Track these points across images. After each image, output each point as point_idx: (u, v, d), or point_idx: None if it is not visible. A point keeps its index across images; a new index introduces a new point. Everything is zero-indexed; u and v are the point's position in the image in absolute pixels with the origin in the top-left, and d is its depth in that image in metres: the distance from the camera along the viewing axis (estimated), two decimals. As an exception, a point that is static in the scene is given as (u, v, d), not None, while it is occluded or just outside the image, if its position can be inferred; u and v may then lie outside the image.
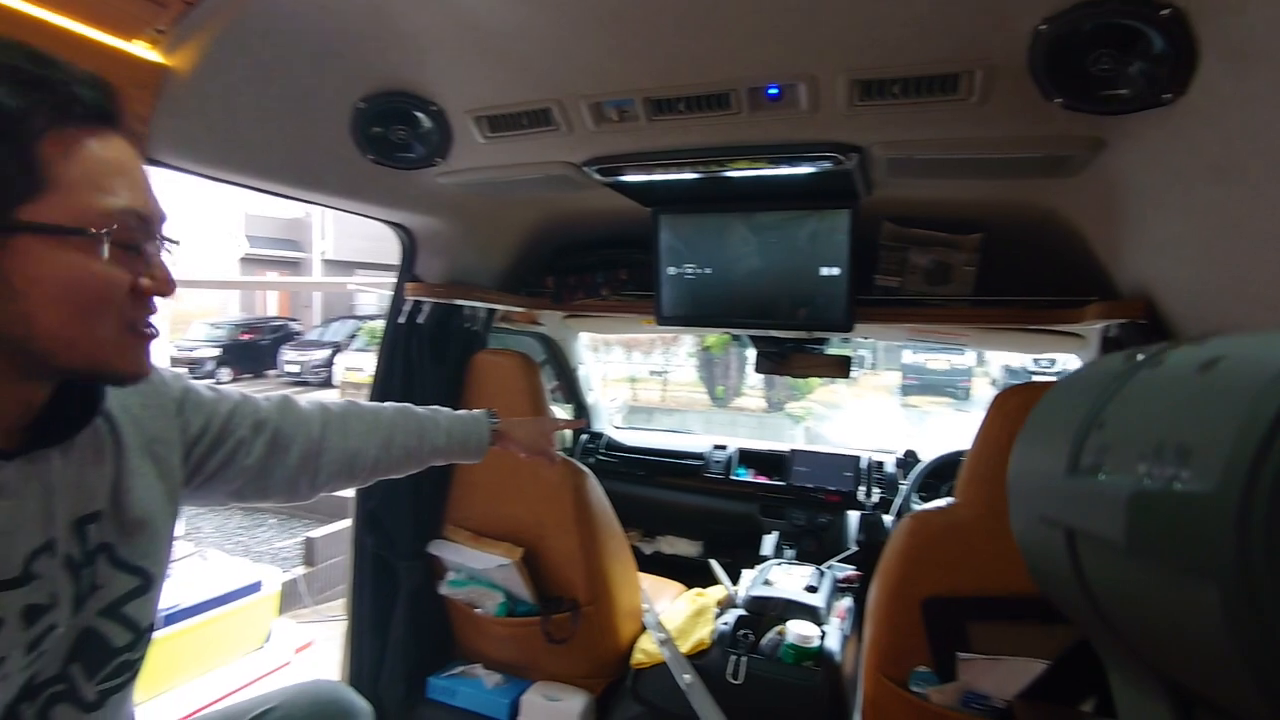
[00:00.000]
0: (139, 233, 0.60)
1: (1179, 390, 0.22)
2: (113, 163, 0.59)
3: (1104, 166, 1.03)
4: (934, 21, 0.82)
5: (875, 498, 2.18)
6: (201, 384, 0.86)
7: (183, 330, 14.38)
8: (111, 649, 0.70)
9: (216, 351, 13.76)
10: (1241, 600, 0.18)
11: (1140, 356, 0.25)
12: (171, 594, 2.44)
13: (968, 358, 12.72)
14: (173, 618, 2.39)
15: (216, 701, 2.50)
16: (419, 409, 1.09)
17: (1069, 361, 2.05)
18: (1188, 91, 0.77)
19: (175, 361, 12.67)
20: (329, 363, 13.26)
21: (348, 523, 1.73)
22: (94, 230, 0.56)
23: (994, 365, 12.48)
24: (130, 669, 0.73)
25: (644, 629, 1.67)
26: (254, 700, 0.94)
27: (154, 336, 0.65)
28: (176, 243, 0.65)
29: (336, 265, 17.51)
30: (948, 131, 1.02)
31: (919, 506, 1.35)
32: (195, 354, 13.52)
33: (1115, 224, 1.15)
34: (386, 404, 1.06)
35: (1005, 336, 1.71)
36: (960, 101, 0.92)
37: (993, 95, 0.91)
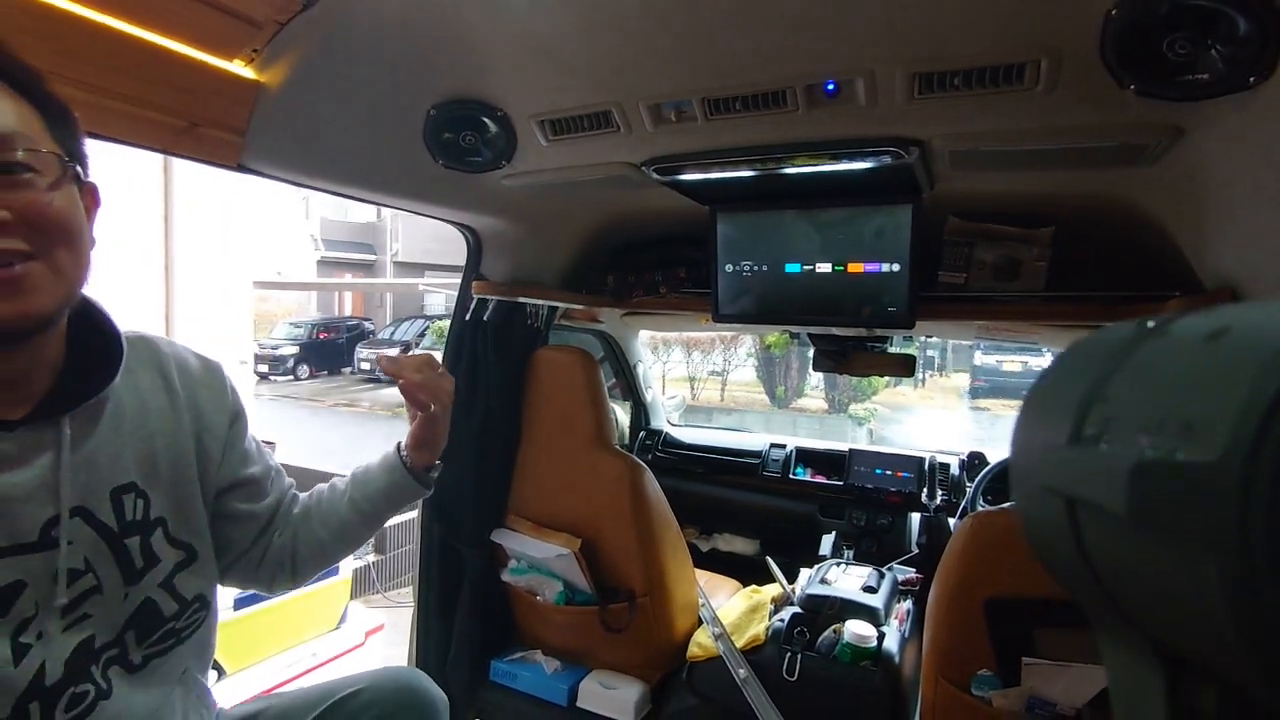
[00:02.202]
0: None
1: (1184, 361, 0.22)
2: None
3: (1184, 154, 0.98)
4: (994, 10, 0.80)
5: (939, 500, 2.12)
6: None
7: (267, 329, 15.25)
8: (162, 618, 0.77)
9: (295, 349, 14.53)
10: (1239, 569, 0.18)
11: (1150, 324, 0.25)
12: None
13: (1045, 359, 12.07)
14: (255, 598, 2.56)
15: (298, 677, 2.67)
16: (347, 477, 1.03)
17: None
18: (1276, 74, 0.73)
19: (259, 359, 13.47)
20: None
21: (416, 514, 1.82)
22: None
23: (1074, 367, 11.79)
24: (175, 636, 0.79)
25: (700, 623, 1.68)
26: (342, 681, 1.00)
27: (13, 279, 0.61)
28: (30, 170, 0.62)
29: (407, 267, 18.22)
30: (1013, 122, 0.99)
31: (985, 509, 1.31)
32: (278, 352, 14.32)
33: (1197, 214, 1.09)
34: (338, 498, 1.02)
35: (1078, 334, 1.63)
36: (1026, 91, 0.89)
37: (1060, 84, 0.88)
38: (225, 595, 2.42)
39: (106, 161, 0.79)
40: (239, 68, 1.00)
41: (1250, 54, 0.73)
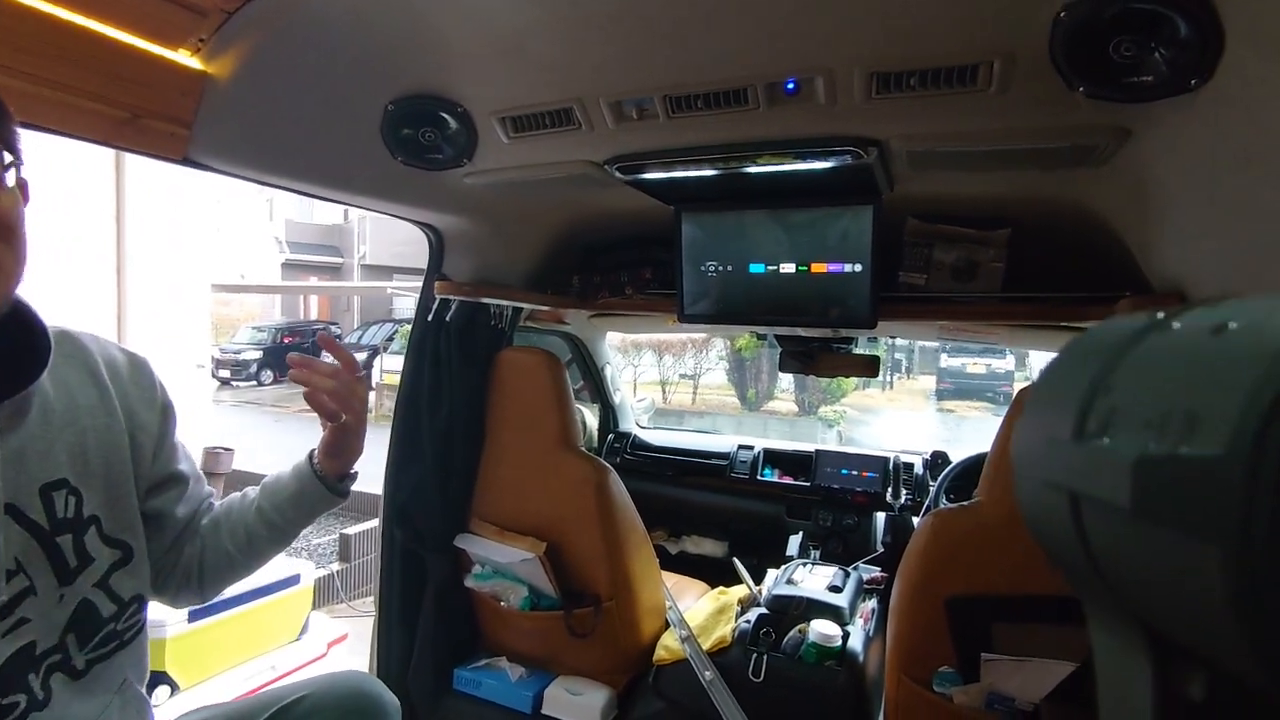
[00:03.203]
0: None
1: (1188, 354, 0.22)
2: None
3: (1131, 156, 1.01)
4: (948, 12, 0.81)
5: (904, 499, 2.15)
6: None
7: (229, 334, 14.87)
8: (101, 620, 0.75)
9: (259, 354, 14.19)
10: (1241, 564, 0.18)
11: (1160, 315, 0.25)
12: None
13: (1007, 361, 12.39)
14: (213, 608, 2.47)
15: (256, 691, 2.59)
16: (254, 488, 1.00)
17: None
18: (1214, 77, 0.75)
19: (220, 364, 13.12)
20: (367, 365, 13.53)
21: (378, 520, 1.78)
22: None
23: (1035, 368, 12.13)
24: (117, 638, 0.77)
25: (667, 625, 1.67)
26: (285, 688, 0.97)
27: None
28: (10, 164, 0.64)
29: (375, 270, 17.94)
30: (968, 123, 1.01)
31: (946, 508, 1.33)
32: (240, 356, 13.97)
33: (1145, 216, 1.12)
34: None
35: (1035, 334, 1.67)
36: (979, 92, 0.91)
37: (1012, 85, 0.89)
38: (179, 607, 2.35)
39: (54, 155, 0.76)
40: (184, 58, 0.96)
41: (1191, 57, 0.75)
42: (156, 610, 2.53)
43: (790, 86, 0.99)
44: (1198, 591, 0.20)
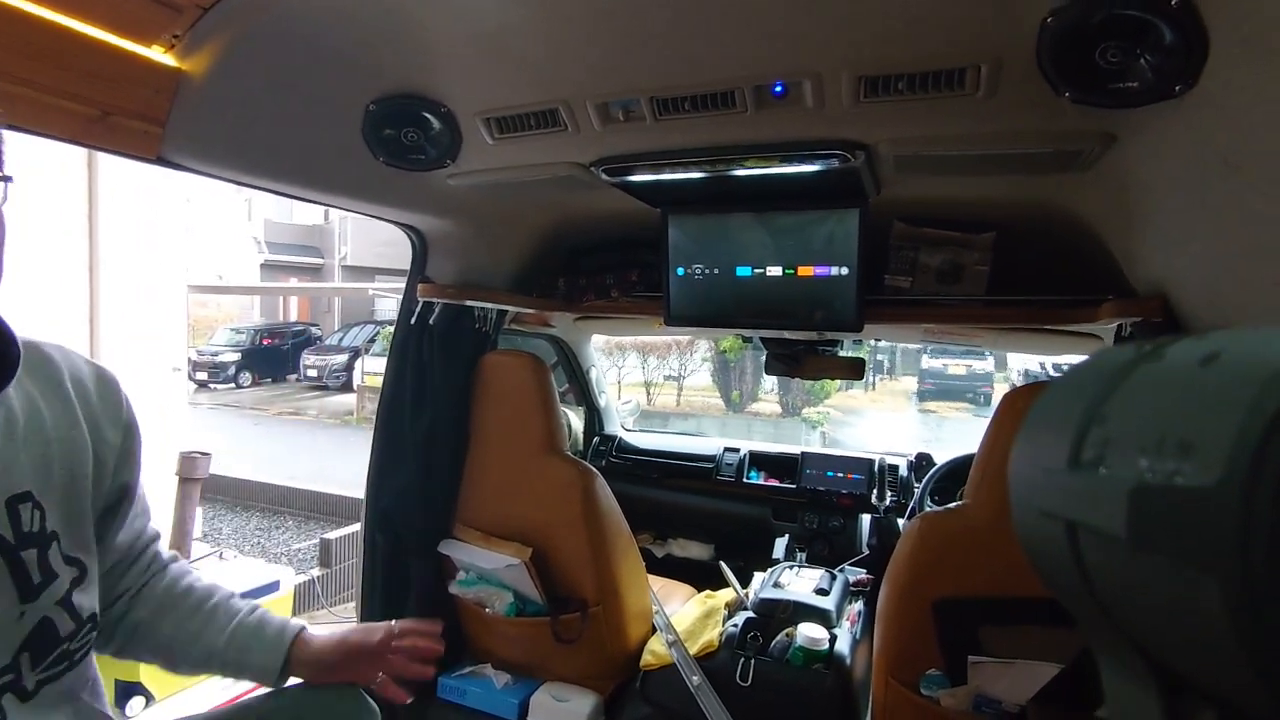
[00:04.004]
0: None
1: (1180, 385, 0.23)
2: None
3: (1116, 161, 1.02)
4: (937, 16, 0.81)
5: (888, 501, 2.16)
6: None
7: (206, 335, 14.64)
8: (58, 638, 0.72)
9: (237, 356, 13.99)
10: (1241, 592, 0.18)
11: (1147, 348, 0.25)
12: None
13: (988, 363, 12.56)
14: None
15: (233, 700, 2.53)
16: (229, 604, 0.95)
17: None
18: (1199, 83, 0.76)
19: (198, 366, 12.92)
20: (348, 367, 13.43)
21: (360, 525, 1.75)
22: None
23: (1015, 370, 12.31)
24: (68, 659, 0.74)
25: (653, 630, 1.66)
26: (263, 697, 0.95)
27: None
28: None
29: (356, 271, 17.75)
30: (955, 127, 1.01)
31: (933, 509, 1.33)
32: (218, 358, 13.76)
33: (1129, 220, 1.13)
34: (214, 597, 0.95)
35: (1019, 337, 1.69)
36: (966, 97, 0.91)
37: (999, 90, 0.90)
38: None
39: (25, 152, 0.74)
40: (158, 54, 0.94)
41: (1176, 63, 0.76)
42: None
43: (778, 90, 0.98)
44: (1199, 622, 0.20)
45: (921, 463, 2.18)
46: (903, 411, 12.76)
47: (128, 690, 2.29)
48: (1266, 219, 0.77)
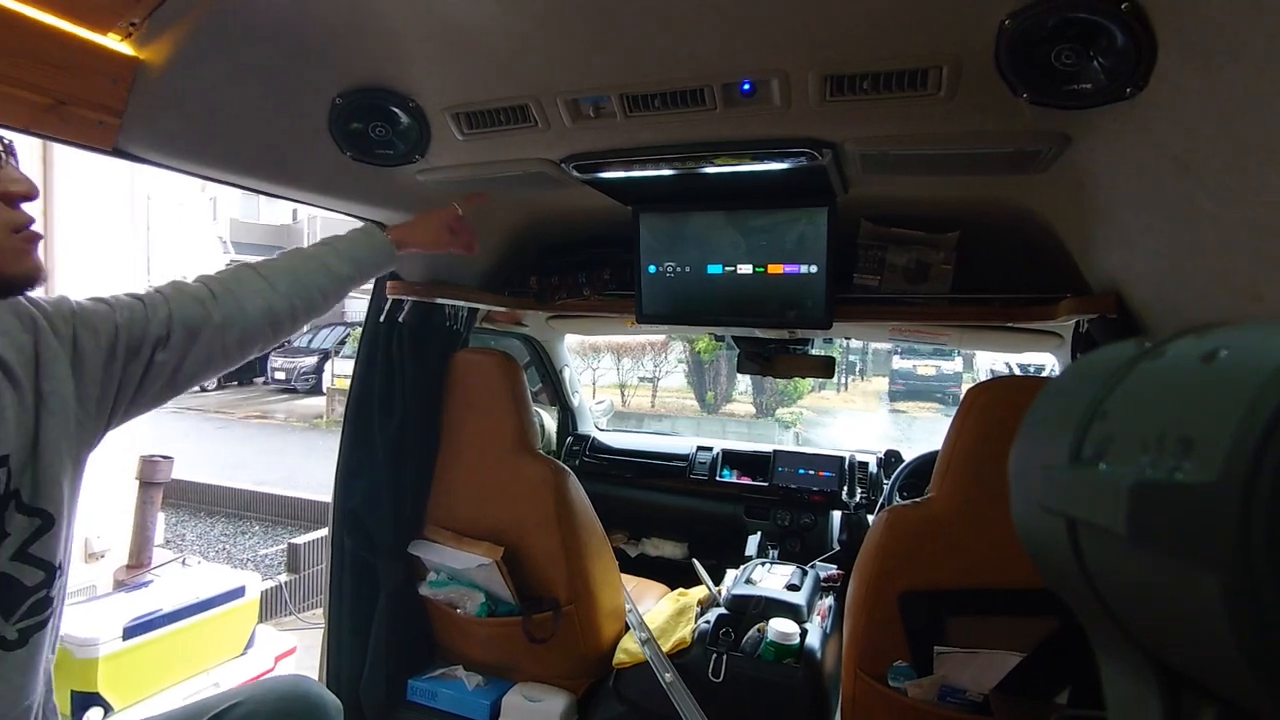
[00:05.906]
0: None
1: (1180, 381, 0.23)
2: None
3: (1071, 162, 1.05)
4: (899, 17, 0.83)
5: (858, 497, 2.19)
6: (86, 299, 0.86)
7: (169, 337, 14.19)
8: (25, 589, 0.74)
9: (202, 359, 13.59)
10: (1241, 588, 0.18)
11: (1148, 344, 0.26)
12: (153, 599, 2.41)
13: (956, 363, 12.80)
14: (154, 623, 2.35)
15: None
16: (307, 248, 1.13)
17: (1050, 362, 2.07)
18: (1149, 85, 0.79)
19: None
20: (318, 370, 13.15)
21: (327, 528, 1.72)
22: None
23: (982, 370, 12.56)
24: (48, 606, 0.76)
25: (626, 629, 1.66)
26: (220, 695, 0.94)
27: (38, 237, 0.75)
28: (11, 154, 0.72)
29: (325, 272, 17.37)
30: (917, 127, 1.03)
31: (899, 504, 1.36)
32: (181, 361, 13.35)
33: (1084, 219, 1.16)
34: (275, 258, 1.09)
35: (983, 335, 1.72)
36: (929, 97, 0.93)
37: (960, 90, 0.92)
38: (114, 624, 2.22)
39: None
40: (114, 42, 0.91)
41: (1127, 66, 0.78)
42: (88, 628, 2.36)
43: (746, 88, 0.99)
44: (1200, 619, 0.20)
45: (890, 460, 2.22)
46: (874, 411, 12.94)
47: (85, 702, 2.22)
48: (1214, 217, 0.80)
